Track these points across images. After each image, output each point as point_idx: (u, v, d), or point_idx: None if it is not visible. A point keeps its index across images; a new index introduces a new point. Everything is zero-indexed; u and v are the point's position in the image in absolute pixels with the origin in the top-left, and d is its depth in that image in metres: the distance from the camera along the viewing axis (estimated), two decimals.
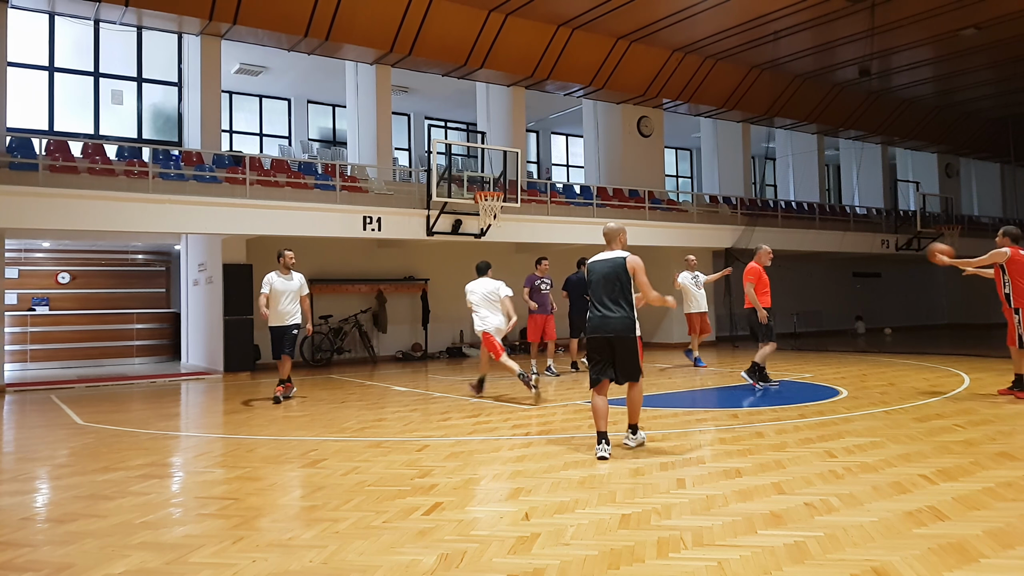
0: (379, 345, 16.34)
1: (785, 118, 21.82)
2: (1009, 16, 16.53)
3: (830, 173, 28.39)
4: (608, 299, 5.85)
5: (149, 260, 17.23)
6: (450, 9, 15.22)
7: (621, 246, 6.07)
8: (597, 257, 6.09)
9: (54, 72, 15.36)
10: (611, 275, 5.86)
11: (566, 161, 24.73)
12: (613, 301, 5.84)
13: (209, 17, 13.48)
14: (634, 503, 4.40)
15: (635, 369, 5.86)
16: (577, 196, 17.88)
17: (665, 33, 17.07)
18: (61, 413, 8.93)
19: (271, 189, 13.40)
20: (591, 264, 6.09)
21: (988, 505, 4.20)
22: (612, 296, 5.84)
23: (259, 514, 4.34)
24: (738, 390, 9.78)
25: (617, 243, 6.06)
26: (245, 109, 19.33)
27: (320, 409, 8.76)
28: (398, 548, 3.69)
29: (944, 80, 21.29)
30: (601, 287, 5.91)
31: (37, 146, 12.07)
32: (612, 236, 6.07)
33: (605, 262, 5.96)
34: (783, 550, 3.53)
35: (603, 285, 5.90)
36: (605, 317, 5.83)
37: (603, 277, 5.91)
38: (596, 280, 5.97)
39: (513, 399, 9.23)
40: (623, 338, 5.79)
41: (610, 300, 5.84)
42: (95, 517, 4.34)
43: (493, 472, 5.28)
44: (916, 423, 6.93)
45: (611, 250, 6.03)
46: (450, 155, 14.25)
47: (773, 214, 20.55)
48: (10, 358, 14.23)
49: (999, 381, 9.93)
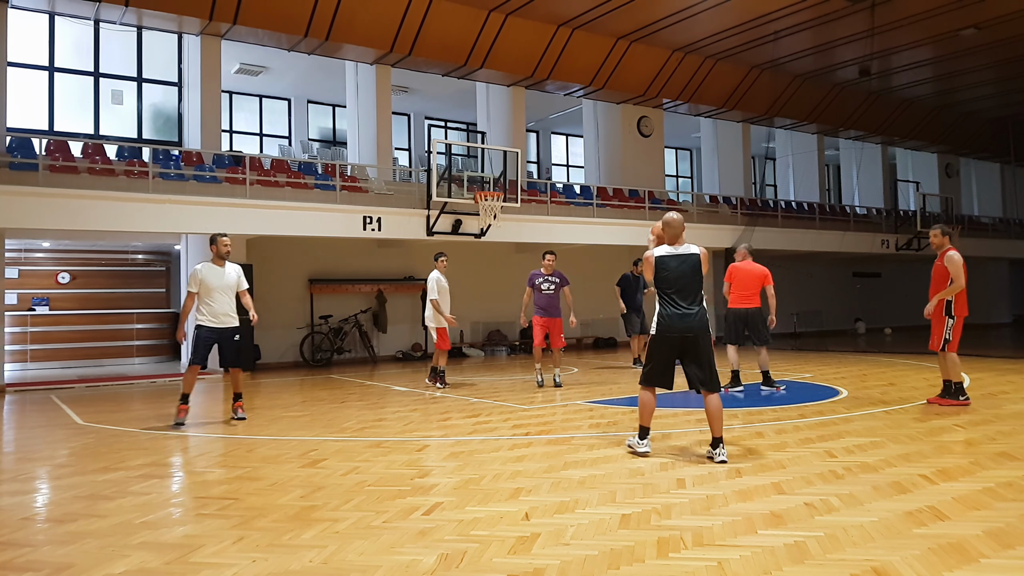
0: (379, 345, 16.34)
1: (785, 118, 21.83)
2: (1009, 16, 16.53)
3: (830, 173, 28.38)
4: (692, 296, 5.60)
5: (149, 260, 17.22)
6: (450, 9, 15.22)
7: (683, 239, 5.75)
8: (667, 251, 5.69)
9: (54, 72, 15.36)
10: (688, 271, 5.59)
11: (566, 161, 24.73)
12: (695, 298, 5.60)
13: (209, 17, 13.49)
14: (634, 503, 4.40)
15: (714, 374, 5.56)
16: (577, 196, 17.88)
17: (665, 33, 17.08)
18: (61, 413, 8.93)
19: (271, 189, 13.40)
20: (661, 259, 5.66)
21: (988, 505, 4.20)
22: (695, 292, 5.60)
23: (259, 514, 4.33)
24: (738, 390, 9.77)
25: (683, 236, 5.74)
26: (245, 109, 19.33)
27: (320, 409, 8.75)
28: (398, 548, 3.69)
29: (944, 80, 21.29)
30: (678, 283, 5.59)
31: (37, 146, 12.07)
32: (681, 228, 5.72)
33: (678, 257, 5.64)
34: (783, 550, 3.53)
35: (681, 281, 5.59)
36: (685, 315, 5.55)
37: (682, 273, 5.60)
38: (672, 276, 5.61)
39: (511, 399, 9.23)
40: (704, 336, 5.58)
41: (693, 297, 5.60)
42: (95, 517, 4.34)
43: (493, 472, 5.28)
44: (916, 423, 6.93)
45: (680, 244, 5.70)
46: (450, 155, 14.26)
47: (773, 214, 20.55)
48: (10, 358, 14.22)
49: (999, 381, 9.94)
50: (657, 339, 5.66)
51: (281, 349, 15.36)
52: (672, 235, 5.71)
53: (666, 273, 5.64)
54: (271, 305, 14.96)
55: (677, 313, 5.57)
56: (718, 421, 5.48)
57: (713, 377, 5.54)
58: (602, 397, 9.19)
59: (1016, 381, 9.90)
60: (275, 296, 15.08)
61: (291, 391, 10.90)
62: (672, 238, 5.71)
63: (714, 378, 5.54)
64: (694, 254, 5.65)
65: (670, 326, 5.58)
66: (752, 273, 9.38)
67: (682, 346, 5.58)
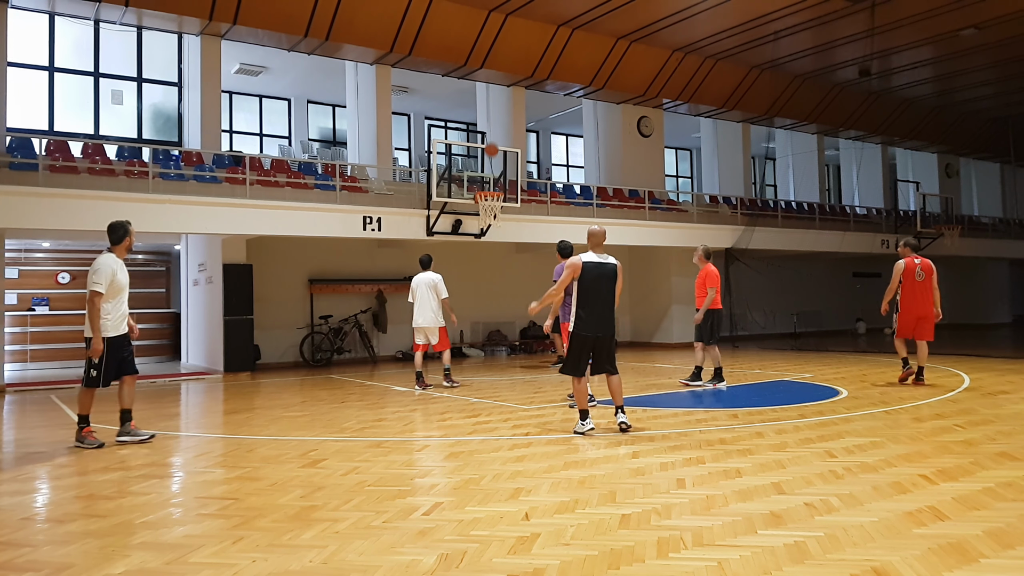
0: (379, 345, 16.34)
1: (785, 118, 21.83)
2: (1009, 16, 16.53)
3: (830, 173, 28.38)
4: (609, 301, 6.67)
5: (149, 260, 17.23)
6: (450, 9, 15.22)
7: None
8: (592, 258, 6.60)
9: (54, 72, 15.36)
10: (612, 278, 6.68)
11: (566, 161, 24.73)
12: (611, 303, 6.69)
13: (209, 17, 13.48)
14: (634, 503, 4.40)
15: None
16: (577, 196, 17.88)
17: (665, 33, 17.08)
18: (61, 413, 8.93)
19: (271, 189, 13.40)
20: (589, 264, 6.58)
21: (988, 505, 4.20)
22: (611, 298, 6.70)
23: (259, 514, 4.33)
24: (738, 390, 9.78)
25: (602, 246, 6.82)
26: (245, 109, 19.33)
27: (320, 409, 8.75)
28: (398, 548, 3.69)
29: (944, 80, 21.29)
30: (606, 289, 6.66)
31: (37, 146, 12.07)
32: (601, 238, 6.81)
33: (604, 264, 6.66)
34: (783, 550, 3.53)
35: (607, 287, 6.66)
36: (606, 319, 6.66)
37: (608, 279, 6.66)
38: (599, 281, 6.65)
39: (511, 399, 9.23)
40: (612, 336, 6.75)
41: (610, 302, 6.68)
42: (95, 517, 4.34)
43: (493, 472, 5.28)
44: (916, 423, 6.93)
45: (600, 253, 6.71)
46: (450, 155, 14.25)
47: (773, 214, 20.55)
48: (10, 358, 14.23)
49: (999, 381, 9.94)
50: (583, 340, 6.62)
51: (281, 349, 15.36)
52: (597, 243, 6.77)
53: (592, 277, 6.61)
54: (271, 305, 14.97)
55: (604, 316, 6.62)
56: (619, 394, 6.78)
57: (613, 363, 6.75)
58: (602, 397, 9.19)
59: (1016, 381, 9.91)
60: (275, 296, 15.09)
61: (291, 391, 10.90)
62: (597, 246, 6.76)
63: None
64: (613, 264, 6.70)
65: (595, 326, 6.61)
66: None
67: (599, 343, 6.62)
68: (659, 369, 12.86)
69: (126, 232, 6.82)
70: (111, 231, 6.78)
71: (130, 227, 6.86)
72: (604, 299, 6.60)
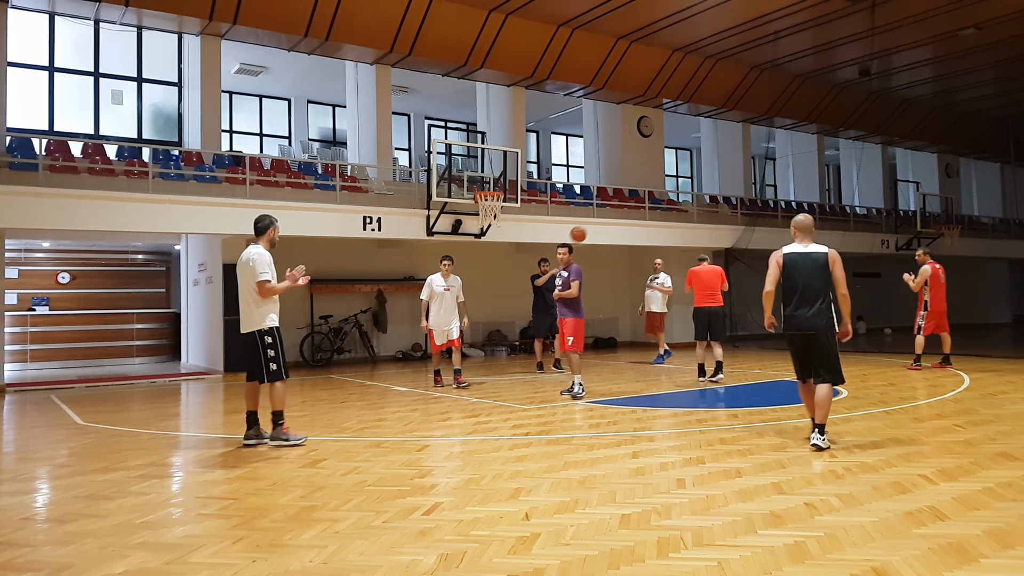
0: (379, 345, 16.34)
1: (785, 118, 21.82)
2: (1009, 16, 16.53)
3: (830, 173, 28.38)
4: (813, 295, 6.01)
5: (149, 260, 17.23)
6: (450, 9, 15.22)
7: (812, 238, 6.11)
8: (795, 249, 6.09)
9: (54, 72, 15.36)
10: (815, 269, 5.99)
11: (566, 161, 24.73)
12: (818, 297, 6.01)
13: (209, 17, 13.48)
14: (634, 503, 4.40)
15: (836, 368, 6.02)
16: (577, 196, 17.88)
17: (665, 33, 17.08)
18: (61, 413, 8.93)
19: (271, 189, 13.40)
20: (789, 256, 6.06)
21: (988, 505, 4.20)
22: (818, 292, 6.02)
23: (259, 514, 4.33)
24: (738, 390, 9.78)
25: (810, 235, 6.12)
26: (245, 109, 19.33)
27: (320, 409, 8.75)
28: (398, 548, 3.69)
29: (944, 80, 21.29)
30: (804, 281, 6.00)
31: (37, 146, 12.07)
32: (809, 227, 6.13)
33: (806, 255, 6.03)
34: (783, 550, 3.53)
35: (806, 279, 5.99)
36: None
37: (806, 271, 5.99)
38: (797, 274, 6.02)
39: (511, 399, 9.23)
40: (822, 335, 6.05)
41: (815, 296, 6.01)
42: (95, 517, 4.34)
43: (493, 472, 5.28)
44: (916, 423, 6.93)
45: (806, 243, 6.10)
46: (450, 155, 14.25)
47: (773, 214, 20.55)
48: (10, 358, 14.23)
49: (999, 381, 9.94)
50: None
51: None
52: (805, 232, 6.19)
53: (792, 270, 6.13)
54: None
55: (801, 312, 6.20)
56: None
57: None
58: (602, 397, 9.19)
59: (1016, 381, 9.91)
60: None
61: (291, 391, 10.88)
62: (804, 235, 6.18)
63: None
64: (822, 253, 6.08)
65: (796, 324, 6.24)
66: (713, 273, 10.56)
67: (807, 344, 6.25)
68: (659, 369, 12.86)
69: (271, 223, 6.86)
70: (256, 222, 6.88)
71: (276, 221, 6.91)
72: (803, 293, 6.02)
